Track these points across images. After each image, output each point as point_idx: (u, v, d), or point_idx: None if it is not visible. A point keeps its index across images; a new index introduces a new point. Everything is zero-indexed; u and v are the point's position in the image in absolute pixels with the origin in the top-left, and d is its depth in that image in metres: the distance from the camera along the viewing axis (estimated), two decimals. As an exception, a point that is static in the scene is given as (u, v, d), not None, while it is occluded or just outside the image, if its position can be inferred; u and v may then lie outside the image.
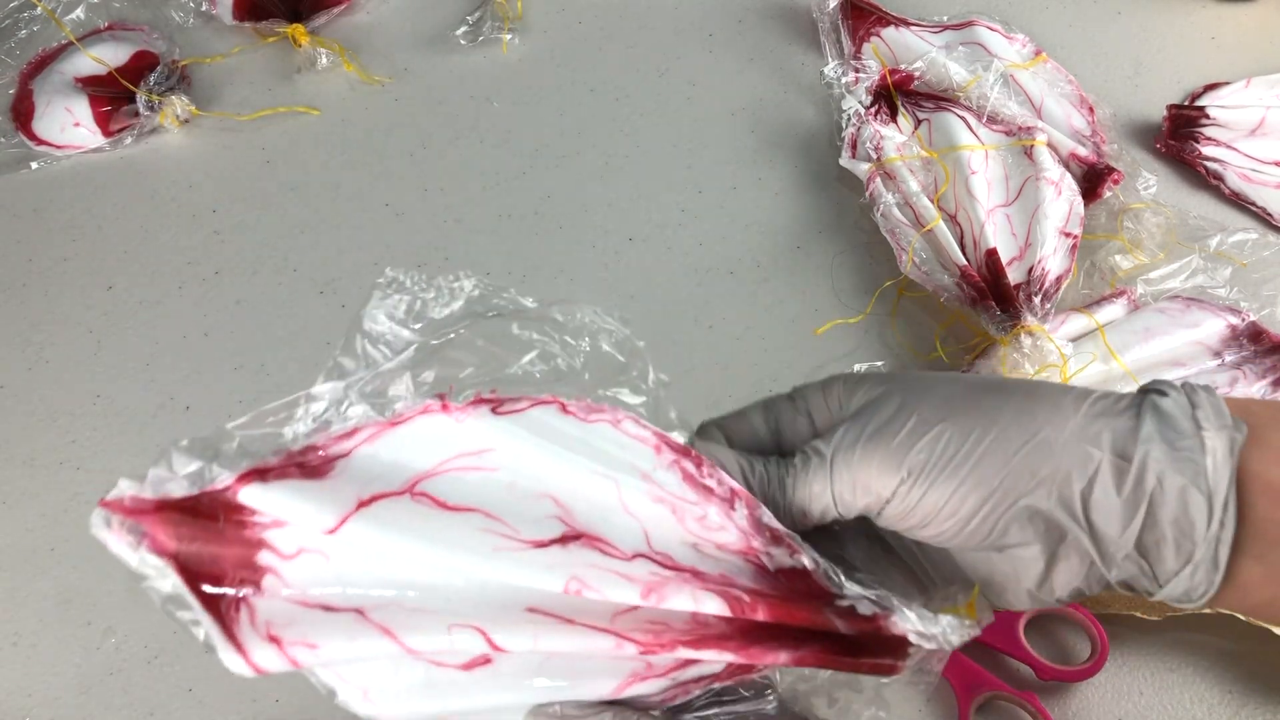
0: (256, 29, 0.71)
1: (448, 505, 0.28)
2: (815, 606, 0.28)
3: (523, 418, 0.29)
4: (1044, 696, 0.43)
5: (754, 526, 0.29)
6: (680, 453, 0.30)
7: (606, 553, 0.28)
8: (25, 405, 0.56)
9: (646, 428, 0.30)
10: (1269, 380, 0.50)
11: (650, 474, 0.29)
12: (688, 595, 0.28)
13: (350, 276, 0.60)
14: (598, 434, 0.30)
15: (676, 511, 0.29)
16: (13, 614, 0.49)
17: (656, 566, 0.28)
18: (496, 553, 0.28)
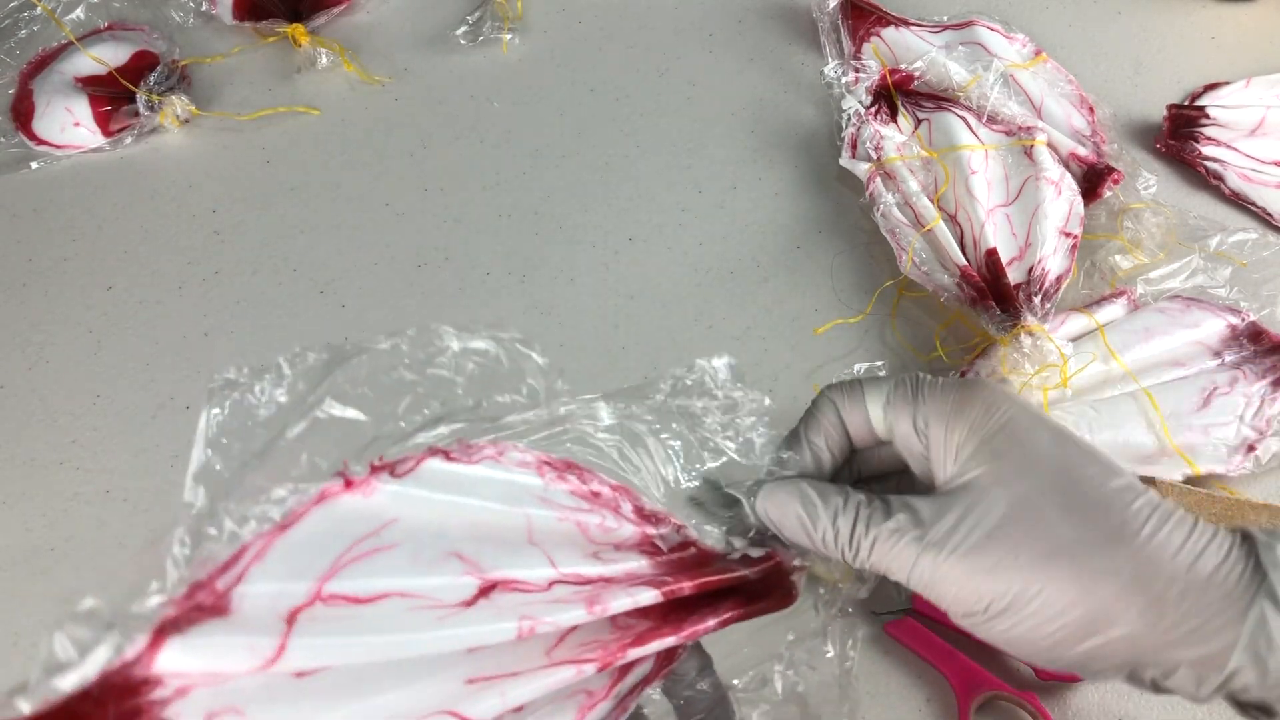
0: (256, 29, 0.71)
1: (361, 598, 0.27)
2: (723, 565, 0.30)
3: (414, 478, 0.29)
4: (1044, 696, 0.43)
5: (640, 515, 0.31)
6: (562, 468, 0.30)
7: (525, 590, 0.28)
8: (25, 405, 0.56)
9: (527, 453, 0.30)
10: (1269, 380, 0.50)
11: (546, 496, 0.30)
12: (624, 594, 0.28)
13: (350, 276, 0.60)
14: (483, 473, 0.30)
15: (581, 525, 0.30)
16: (13, 614, 0.49)
17: (574, 588, 0.29)
18: (440, 623, 0.27)
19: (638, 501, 0.31)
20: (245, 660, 0.25)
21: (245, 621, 0.26)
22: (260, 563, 0.27)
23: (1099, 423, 0.48)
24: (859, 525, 0.29)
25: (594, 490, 0.30)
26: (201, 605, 0.26)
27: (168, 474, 0.53)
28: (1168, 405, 0.49)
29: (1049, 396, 0.50)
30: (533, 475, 0.30)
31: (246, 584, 0.26)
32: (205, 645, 0.25)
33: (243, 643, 0.25)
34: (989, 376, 0.51)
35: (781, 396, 0.54)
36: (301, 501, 0.27)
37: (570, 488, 0.30)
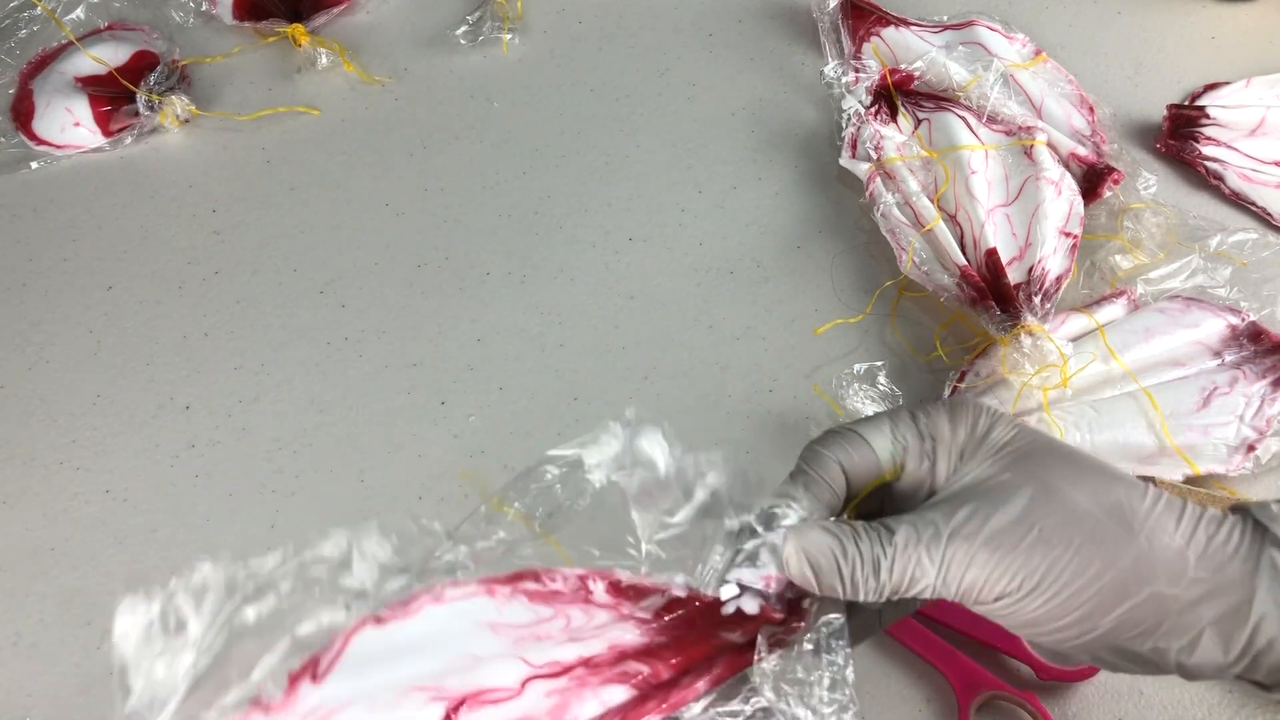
0: (256, 29, 0.71)
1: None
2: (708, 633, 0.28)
3: (346, 662, 0.27)
4: (1044, 696, 0.43)
5: (616, 594, 0.29)
6: (512, 581, 0.29)
7: (496, 700, 0.27)
8: (25, 405, 0.56)
9: (467, 582, 0.29)
10: (1269, 380, 0.50)
11: (498, 621, 0.28)
12: (592, 701, 0.27)
13: (350, 276, 0.60)
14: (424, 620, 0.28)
15: (540, 636, 0.28)
16: (13, 614, 0.49)
17: (548, 680, 0.28)
18: None
19: (611, 578, 0.29)
20: None
21: None
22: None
23: (1099, 423, 0.48)
24: (877, 546, 0.29)
25: (555, 589, 0.29)
26: None
27: (168, 474, 0.53)
28: (1168, 405, 0.49)
29: (1049, 396, 0.50)
30: (481, 599, 0.28)
31: None
32: None
33: None
34: (989, 377, 0.51)
35: (781, 396, 0.54)
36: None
37: (527, 596, 0.29)
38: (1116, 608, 0.29)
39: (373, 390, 0.56)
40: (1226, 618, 0.28)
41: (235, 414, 0.55)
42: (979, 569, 0.29)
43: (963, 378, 0.52)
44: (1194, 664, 0.29)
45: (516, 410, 0.54)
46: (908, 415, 0.33)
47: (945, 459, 0.32)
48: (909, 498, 0.32)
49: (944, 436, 0.32)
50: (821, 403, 0.53)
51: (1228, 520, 0.30)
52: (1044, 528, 0.29)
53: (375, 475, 0.53)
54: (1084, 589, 0.28)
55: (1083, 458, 0.31)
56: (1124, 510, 0.29)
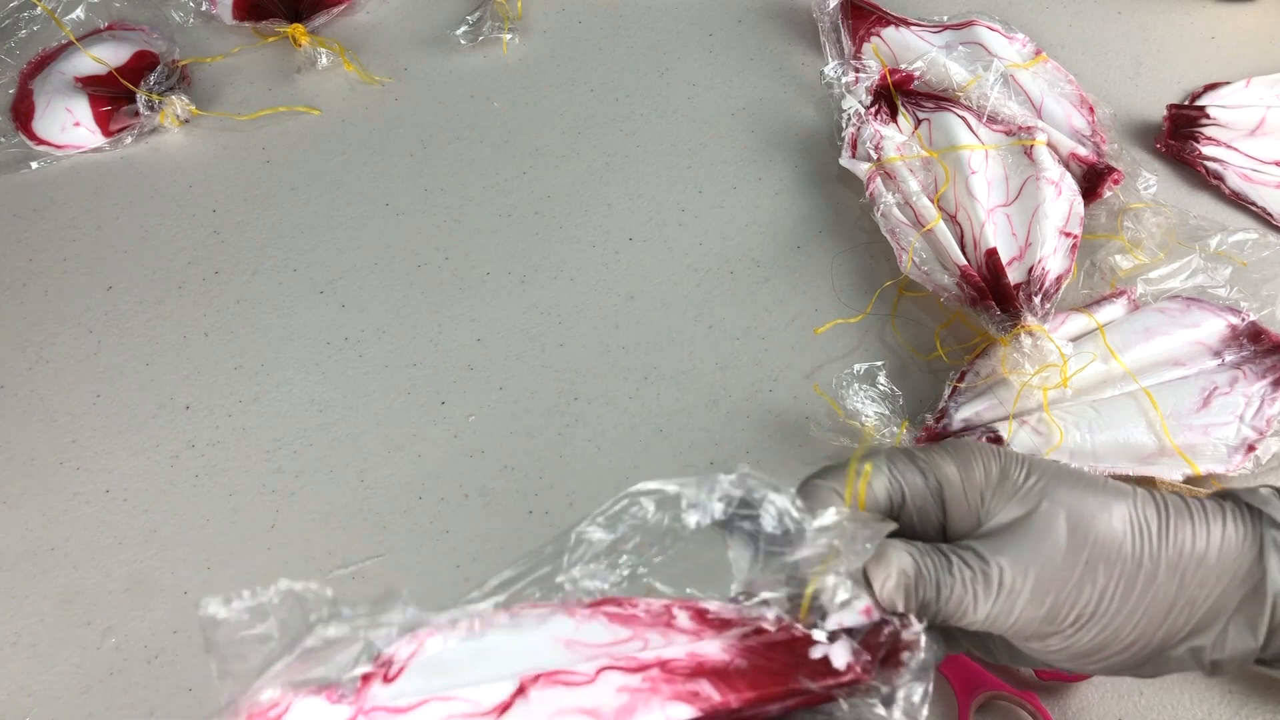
0: (256, 29, 0.71)
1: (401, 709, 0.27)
2: (788, 671, 0.28)
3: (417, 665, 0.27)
4: (1044, 696, 0.43)
5: (700, 622, 0.29)
6: (593, 605, 0.29)
7: (569, 683, 0.27)
8: (25, 405, 0.56)
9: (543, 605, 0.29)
10: (1269, 380, 0.50)
11: (575, 639, 0.28)
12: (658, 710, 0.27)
13: (350, 276, 0.60)
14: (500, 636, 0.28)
15: (615, 658, 0.28)
16: (13, 614, 0.49)
17: (623, 674, 0.27)
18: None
19: (697, 607, 0.29)
20: None
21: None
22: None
23: (1099, 423, 0.48)
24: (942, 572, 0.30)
25: (633, 614, 0.28)
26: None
27: (168, 474, 0.53)
28: (1168, 405, 0.49)
29: (1049, 396, 0.50)
30: (560, 617, 0.28)
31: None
32: None
33: None
34: (989, 376, 0.51)
35: (781, 396, 0.54)
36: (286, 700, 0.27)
37: (607, 618, 0.28)
38: (1164, 623, 0.30)
39: (373, 390, 0.56)
40: (1247, 603, 0.29)
41: (235, 414, 0.55)
42: (1033, 607, 0.29)
43: (963, 378, 0.52)
44: (1227, 657, 0.30)
45: (516, 410, 0.54)
46: (904, 454, 0.32)
47: (963, 502, 0.32)
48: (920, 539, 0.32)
49: (952, 478, 0.32)
50: (821, 403, 0.53)
51: (1226, 510, 0.31)
52: (1089, 559, 0.30)
53: (375, 475, 0.53)
54: (1134, 611, 0.30)
55: (1097, 482, 0.32)
56: (1151, 527, 0.30)
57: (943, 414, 0.50)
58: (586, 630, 0.28)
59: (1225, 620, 0.30)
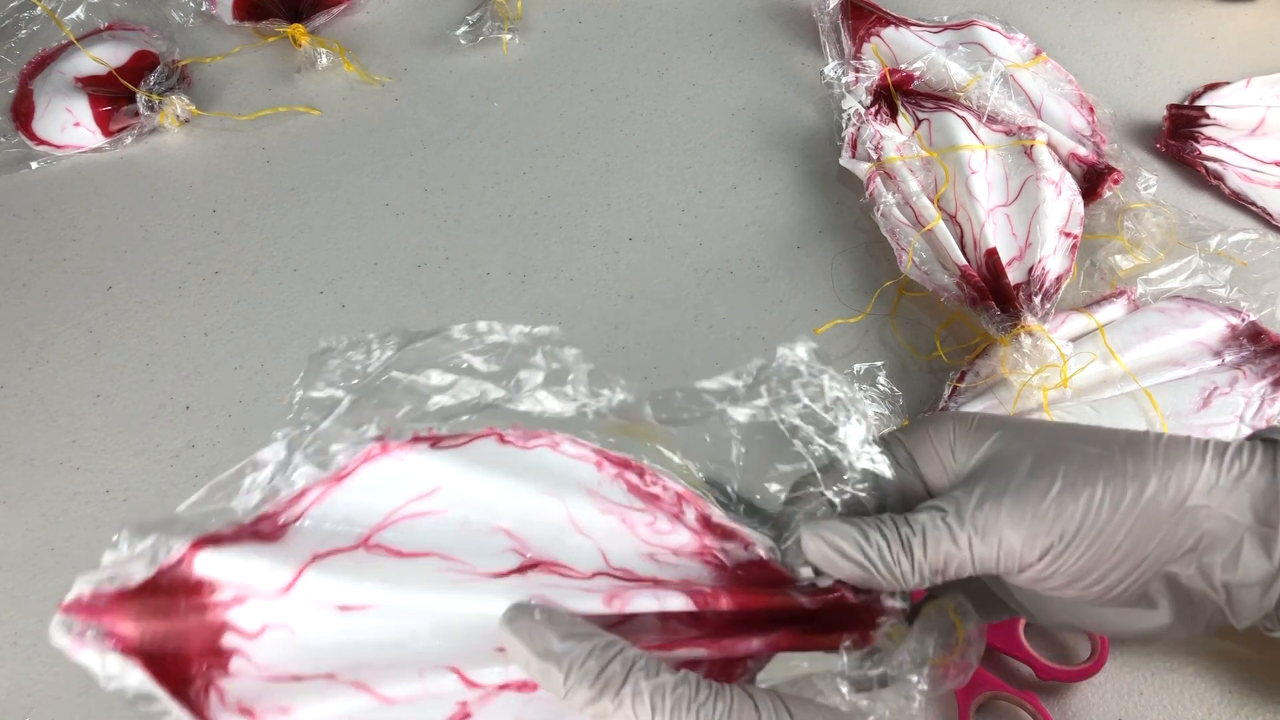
0: (256, 29, 0.71)
1: (403, 553, 0.29)
2: (777, 588, 0.29)
3: (462, 452, 0.30)
4: (1044, 696, 0.43)
5: (704, 525, 0.30)
6: (620, 465, 0.30)
7: (566, 575, 0.29)
8: (25, 405, 0.56)
9: (585, 446, 0.31)
10: (1269, 380, 0.50)
11: (595, 489, 0.30)
12: (650, 596, 0.28)
13: (350, 276, 0.60)
14: (538, 459, 0.30)
15: (626, 520, 0.30)
16: (13, 614, 0.49)
17: (617, 581, 0.29)
18: (455, 586, 0.28)
19: (704, 510, 0.30)
20: (262, 581, 0.28)
21: (280, 550, 0.28)
22: (320, 506, 0.29)
23: (1099, 423, 0.48)
24: (904, 528, 0.29)
25: (653, 492, 0.30)
26: (259, 531, 0.29)
27: (168, 474, 0.53)
28: (1168, 405, 0.49)
29: (1049, 396, 0.50)
30: (588, 467, 0.30)
31: (305, 521, 0.29)
32: (234, 561, 0.28)
33: (266, 564, 0.28)
34: (989, 376, 0.51)
35: (781, 396, 0.54)
36: (352, 458, 0.29)
37: (626, 485, 0.30)
38: (1157, 532, 0.28)
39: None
40: (1260, 522, 0.28)
41: (235, 414, 0.55)
42: (1013, 529, 0.29)
43: (963, 378, 0.52)
44: (1239, 580, 0.29)
45: (516, 410, 0.54)
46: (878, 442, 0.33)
47: (936, 464, 0.32)
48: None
49: (920, 443, 0.32)
50: (821, 403, 0.53)
51: (1234, 442, 0.30)
52: (1065, 475, 0.29)
53: (375, 475, 0.53)
54: (1122, 521, 0.28)
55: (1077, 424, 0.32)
56: (1135, 444, 0.30)
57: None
58: (607, 488, 0.30)
59: (1238, 539, 0.28)
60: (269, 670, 0.28)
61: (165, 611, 0.28)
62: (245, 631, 0.28)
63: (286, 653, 0.28)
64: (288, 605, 0.28)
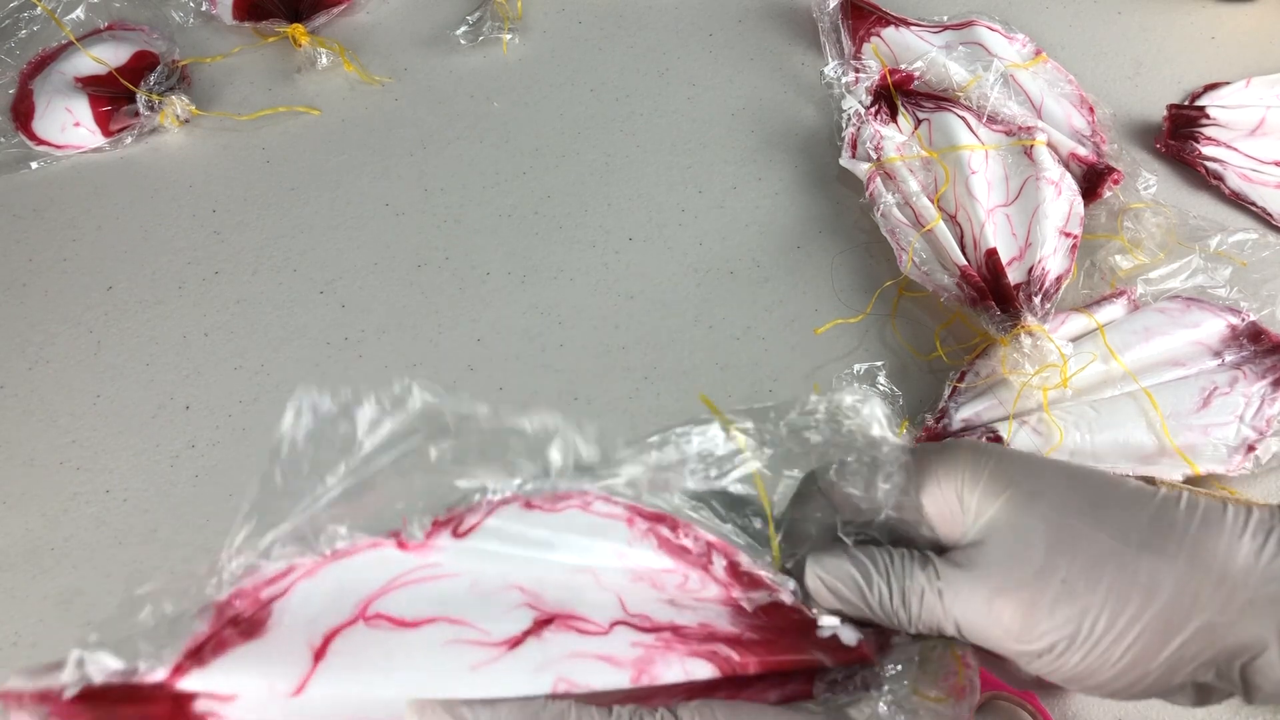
0: (256, 29, 0.71)
1: (406, 622, 0.27)
2: (800, 645, 0.28)
3: (485, 529, 0.28)
4: (1044, 696, 0.43)
5: (732, 574, 0.29)
6: (653, 520, 0.29)
7: (583, 630, 0.27)
8: (25, 405, 0.56)
9: (617, 503, 0.29)
10: (1269, 380, 0.50)
11: (625, 551, 0.28)
12: (676, 667, 0.27)
13: (350, 276, 0.60)
14: (564, 521, 0.28)
15: (656, 584, 0.28)
16: (13, 614, 0.49)
17: (635, 632, 0.28)
18: (473, 671, 0.26)
19: (733, 558, 0.29)
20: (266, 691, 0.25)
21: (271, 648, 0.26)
22: (309, 579, 0.27)
23: (1099, 423, 0.48)
24: (906, 581, 0.28)
25: (683, 545, 0.29)
26: (239, 618, 0.26)
27: (168, 474, 0.53)
28: (1168, 405, 0.49)
29: (1049, 396, 0.50)
30: (619, 525, 0.29)
31: (290, 598, 0.26)
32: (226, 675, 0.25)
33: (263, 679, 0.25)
34: (989, 376, 0.51)
35: (781, 396, 0.54)
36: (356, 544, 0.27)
37: (657, 540, 0.29)
38: (1165, 647, 0.26)
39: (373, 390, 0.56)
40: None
41: (235, 414, 0.55)
42: (1002, 630, 0.27)
43: (962, 378, 0.52)
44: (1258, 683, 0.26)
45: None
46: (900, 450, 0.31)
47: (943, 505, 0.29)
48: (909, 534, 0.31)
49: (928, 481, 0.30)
50: (821, 403, 0.53)
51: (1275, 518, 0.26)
52: (1068, 576, 0.26)
53: (375, 475, 0.53)
54: (1124, 633, 0.26)
55: (1098, 481, 0.28)
56: (1155, 535, 0.27)
57: (943, 414, 0.50)
58: (636, 550, 0.28)
59: (1265, 644, 0.25)
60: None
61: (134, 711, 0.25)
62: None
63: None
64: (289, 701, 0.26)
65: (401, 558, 0.27)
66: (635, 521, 0.29)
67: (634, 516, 0.29)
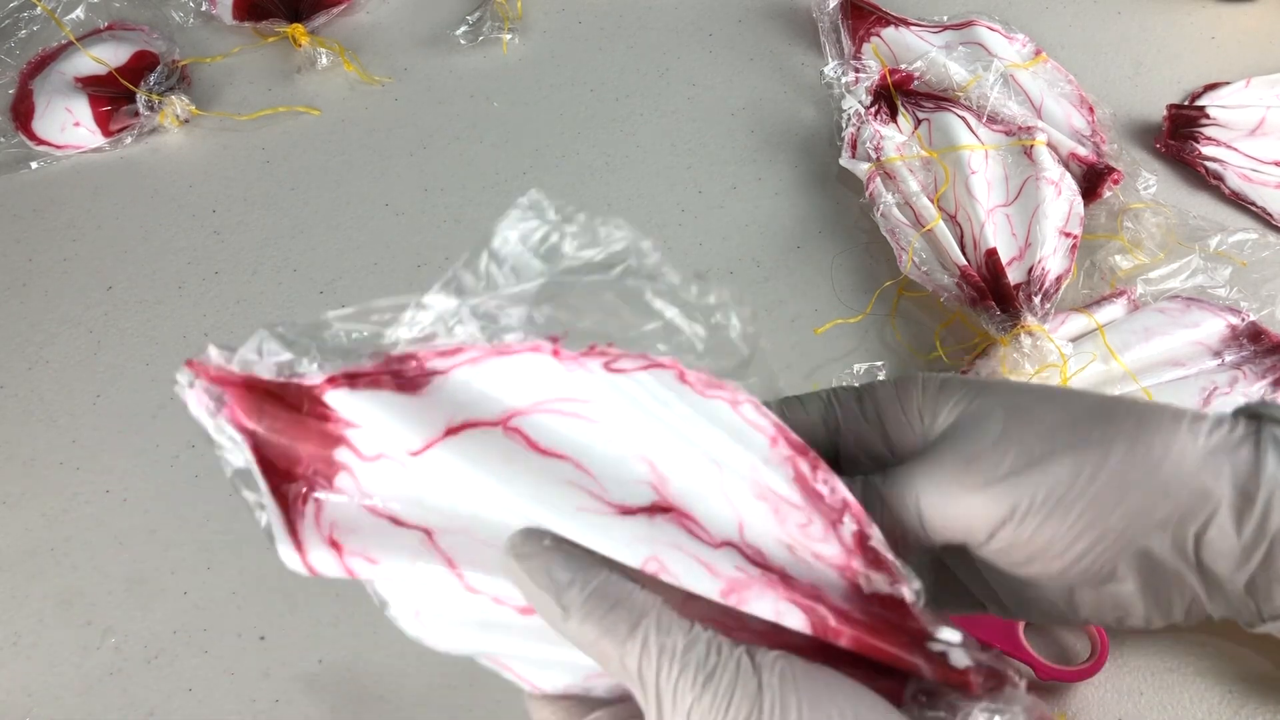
0: (256, 29, 0.71)
1: (539, 447, 0.27)
2: (904, 644, 0.26)
3: (634, 378, 0.27)
4: (1044, 696, 0.43)
5: (858, 545, 0.27)
6: (798, 450, 0.27)
7: (694, 534, 0.26)
8: (25, 405, 0.56)
9: (766, 416, 0.28)
10: (1269, 380, 0.50)
11: (759, 466, 0.27)
12: (769, 603, 0.26)
13: (350, 276, 0.60)
14: (711, 411, 0.27)
15: (778, 512, 0.27)
16: (13, 614, 0.49)
17: (744, 560, 0.26)
18: (579, 513, 0.26)
19: (865, 529, 0.27)
20: (387, 442, 0.26)
21: (415, 407, 0.26)
22: (471, 367, 0.27)
23: (1099, 423, 0.48)
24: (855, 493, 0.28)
25: (818, 489, 0.27)
26: (400, 373, 0.26)
27: (168, 474, 0.53)
28: (1168, 405, 0.49)
29: (1049, 396, 0.50)
30: (762, 439, 0.27)
31: (449, 378, 0.27)
32: (366, 408, 0.26)
33: (396, 425, 0.26)
34: (989, 377, 0.51)
35: (781, 396, 0.54)
36: (520, 343, 0.27)
37: (794, 473, 0.27)
38: (1122, 502, 0.26)
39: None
40: (1237, 494, 0.26)
41: (235, 414, 0.55)
42: (964, 505, 0.27)
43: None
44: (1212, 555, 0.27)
45: (516, 410, 0.54)
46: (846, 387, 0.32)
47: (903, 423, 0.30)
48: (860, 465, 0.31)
49: (887, 400, 0.30)
50: (821, 403, 0.53)
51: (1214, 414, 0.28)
52: (1024, 442, 0.27)
53: (375, 475, 0.53)
54: (1083, 491, 0.26)
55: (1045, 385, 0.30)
56: (1104, 406, 0.28)
57: (943, 414, 0.50)
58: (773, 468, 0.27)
59: (1212, 510, 0.26)
60: (372, 498, 0.27)
61: (286, 409, 0.26)
62: (361, 453, 0.26)
63: (394, 487, 0.26)
64: (410, 462, 0.26)
65: (553, 372, 0.27)
66: (778, 443, 0.27)
67: (779, 437, 0.28)
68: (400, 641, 0.28)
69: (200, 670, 0.47)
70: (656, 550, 0.26)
